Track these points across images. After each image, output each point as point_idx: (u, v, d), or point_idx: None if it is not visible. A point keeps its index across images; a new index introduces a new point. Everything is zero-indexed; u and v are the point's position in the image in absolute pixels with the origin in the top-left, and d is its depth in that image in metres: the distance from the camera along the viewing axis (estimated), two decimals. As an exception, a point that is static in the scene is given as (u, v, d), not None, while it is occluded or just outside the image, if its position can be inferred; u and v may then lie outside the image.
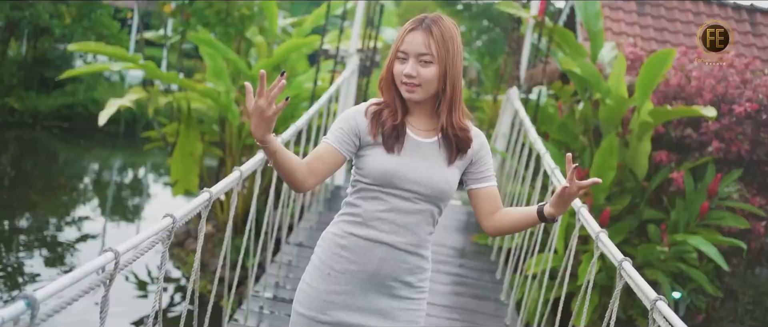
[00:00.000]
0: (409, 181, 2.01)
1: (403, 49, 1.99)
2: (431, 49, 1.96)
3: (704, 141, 6.09)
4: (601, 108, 6.12)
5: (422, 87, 1.98)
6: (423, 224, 2.06)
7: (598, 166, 5.92)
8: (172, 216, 2.19)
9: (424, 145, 2.06)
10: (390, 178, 2.01)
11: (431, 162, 2.04)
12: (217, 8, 7.49)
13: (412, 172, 2.02)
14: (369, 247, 2.03)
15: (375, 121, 2.04)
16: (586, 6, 6.91)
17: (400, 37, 2.01)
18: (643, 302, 2.21)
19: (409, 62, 1.98)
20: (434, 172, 2.03)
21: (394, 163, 2.01)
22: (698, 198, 5.87)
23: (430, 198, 2.04)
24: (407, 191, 2.02)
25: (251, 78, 7.34)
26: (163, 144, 7.96)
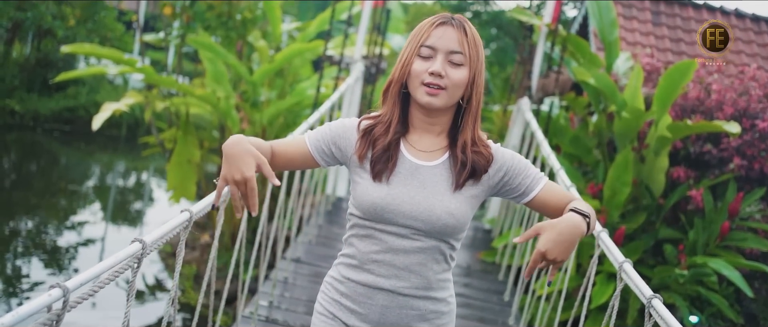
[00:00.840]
0: (404, 214, 1.68)
1: (430, 44, 1.68)
2: (465, 49, 1.68)
3: (725, 157, 5.80)
4: (617, 121, 5.85)
5: (448, 91, 1.67)
6: (430, 263, 1.73)
7: (613, 182, 5.64)
8: (141, 241, 1.87)
9: (423, 169, 1.73)
10: (380, 212, 1.69)
11: (431, 189, 1.71)
12: (219, 11, 7.24)
13: (406, 203, 1.69)
14: (368, 294, 1.73)
15: (364, 140, 1.73)
16: (601, 14, 6.63)
17: (424, 31, 1.70)
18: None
19: (438, 59, 1.67)
20: (435, 203, 1.69)
21: (384, 194, 1.69)
22: (718, 217, 5.57)
23: (432, 234, 1.70)
24: (402, 227, 1.70)
25: (252, 83, 7.09)
26: (161, 150, 7.71)
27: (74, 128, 14.97)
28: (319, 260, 5.20)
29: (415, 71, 1.68)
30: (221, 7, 7.23)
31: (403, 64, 1.71)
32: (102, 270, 1.69)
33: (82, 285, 1.54)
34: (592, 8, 6.77)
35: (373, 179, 1.70)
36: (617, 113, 5.84)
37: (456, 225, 1.71)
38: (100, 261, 1.70)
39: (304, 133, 1.87)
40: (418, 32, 1.71)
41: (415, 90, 1.69)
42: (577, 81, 6.22)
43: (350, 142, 1.74)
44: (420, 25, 1.73)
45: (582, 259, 5.58)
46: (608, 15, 6.64)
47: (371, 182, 1.70)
